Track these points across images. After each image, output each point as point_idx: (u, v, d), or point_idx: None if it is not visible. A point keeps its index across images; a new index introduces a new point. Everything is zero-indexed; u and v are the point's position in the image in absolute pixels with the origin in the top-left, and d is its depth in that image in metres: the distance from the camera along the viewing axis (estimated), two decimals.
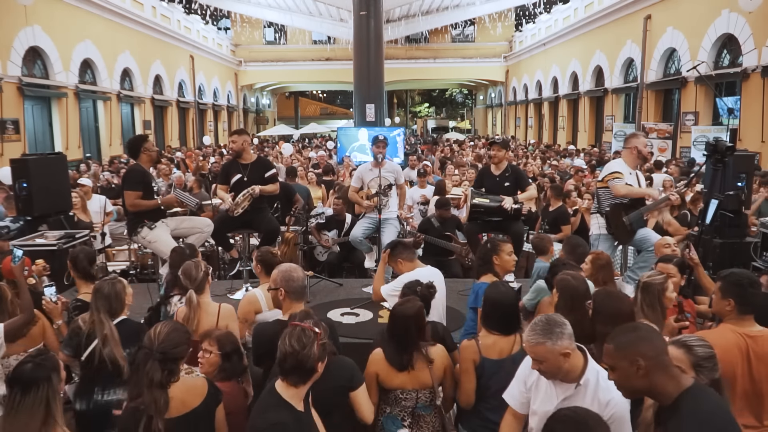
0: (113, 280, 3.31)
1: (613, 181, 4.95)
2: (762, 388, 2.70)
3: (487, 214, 5.24)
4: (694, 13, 14.30)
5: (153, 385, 2.40)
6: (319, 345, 2.28)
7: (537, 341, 2.37)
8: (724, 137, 9.45)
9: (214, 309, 3.58)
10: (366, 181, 5.76)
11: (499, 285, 3.27)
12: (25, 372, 2.27)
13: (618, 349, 2.04)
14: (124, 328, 3.20)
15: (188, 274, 3.55)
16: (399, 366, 2.89)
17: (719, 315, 2.90)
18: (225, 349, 2.99)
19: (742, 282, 2.80)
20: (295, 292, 3.25)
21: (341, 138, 14.28)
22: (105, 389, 3.11)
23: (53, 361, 2.36)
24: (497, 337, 3.00)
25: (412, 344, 2.92)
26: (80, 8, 16.52)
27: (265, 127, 37.02)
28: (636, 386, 2.02)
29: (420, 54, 33.16)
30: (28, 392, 2.24)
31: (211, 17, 28.21)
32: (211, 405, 2.62)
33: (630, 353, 2.00)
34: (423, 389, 2.95)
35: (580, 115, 22.67)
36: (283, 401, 2.28)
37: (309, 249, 7.23)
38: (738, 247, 5.92)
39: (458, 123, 49.28)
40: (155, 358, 2.42)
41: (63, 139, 15.47)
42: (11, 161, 6.42)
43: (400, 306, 3.00)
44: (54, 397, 2.29)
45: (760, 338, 2.73)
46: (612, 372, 2.07)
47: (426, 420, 2.98)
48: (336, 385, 2.70)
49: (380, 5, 17.44)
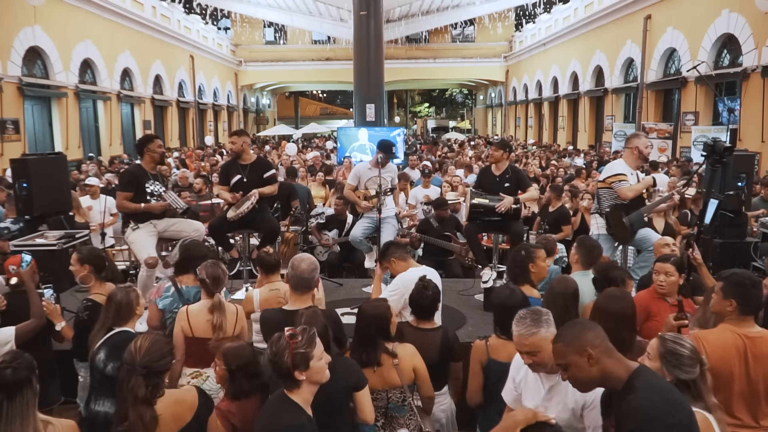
0: (128, 288, 3.25)
1: (619, 184, 4.93)
2: (758, 388, 2.71)
3: (486, 214, 5.24)
4: (694, 13, 14.30)
5: (137, 402, 2.34)
6: (293, 353, 2.24)
7: (530, 331, 2.42)
8: (724, 137, 9.46)
9: (232, 309, 3.52)
10: (363, 180, 5.76)
11: (505, 288, 3.29)
12: (7, 378, 2.20)
13: (566, 344, 2.10)
14: (120, 338, 3.08)
15: (215, 276, 3.43)
16: (360, 363, 2.89)
17: (720, 315, 2.89)
18: (230, 366, 2.75)
19: (745, 282, 2.79)
20: (296, 284, 3.27)
21: (341, 138, 14.29)
22: (97, 399, 3.05)
23: (28, 361, 2.30)
24: (506, 341, 3.01)
25: (371, 342, 2.95)
26: (80, 8, 16.52)
27: (265, 127, 37.01)
28: (590, 376, 2.07)
29: (420, 54, 33.16)
30: (14, 398, 2.18)
31: (211, 17, 28.21)
32: (203, 417, 2.58)
33: (578, 345, 2.07)
34: (392, 389, 2.95)
35: (580, 115, 22.67)
36: (295, 404, 2.28)
37: (309, 249, 7.23)
38: (738, 247, 5.92)
39: (458, 123, 49.27)
40: (138, 374, 2.35)
41: (63, 139, 15.47)
42: (11, 161, 6.42)
43: (367, 305, 3.06)
44: (35, 399, 2.25)
45: (758, 339, 2.73)
46: (565, 371, 2.12)
47: (400, 421, 2.98)
48: (345, 386, 2.70)
49: (380, 5, 17.43)
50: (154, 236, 5.03)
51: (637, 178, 5.05)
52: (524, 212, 7.50)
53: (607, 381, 2.08)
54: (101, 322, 3.15)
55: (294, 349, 2.25)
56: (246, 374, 2.75)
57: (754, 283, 2.82)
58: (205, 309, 3.41)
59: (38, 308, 3.40)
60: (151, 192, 4.98)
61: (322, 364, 2.31)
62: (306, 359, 2.26)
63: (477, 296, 5.53)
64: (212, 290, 3.44)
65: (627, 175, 4.96)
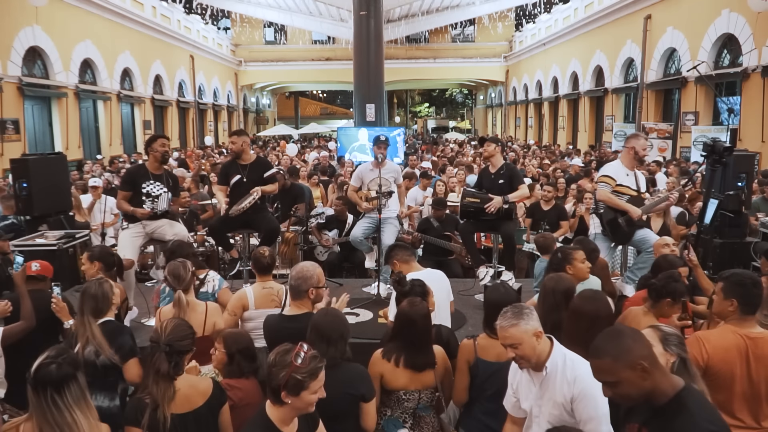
0: (100, 280, 3.31)
1: (600, 184, 5.04)
2: (760, 389, 2.70)
3: (477, 213, 5.27)
4: (694, 13, 14.30)
5: (159, 376, 2.48)
6: (289, 377, 2.19)
7: (510, 323, 2.45)
8: (724, 137, 9.46)
9: (201, 308, 3.58)
10: (366, 181, 5.76)
11: (499, 286, 3.26)
12: (53, 372, 2.21)
13: (616, 359, 1.94)
14: (109, 327, 3.18)
15: (176, 274, 3.54)
16: (420, 367, 2.89)
17: (721, 316, 2.87)
18: (230, 349, 3.02)
19: (745, 282, 2.77)
20: (291, 288, 3.31)
21: (341, 138, 14.29)
22: (91, 394, 3.06)
23: (72, 357, 2.34)
24: (496, 340, 3.00)
25: (426, 344, 2.93)
26: (80, 8, 16.52)
27: (265, 127, 37.01)
28: (642, 391, 1.94)
29: (420, 54, 33.15)
30: (60, 392, 2.20)
31: (211, 17, 28.20)
32: (215, 406, 2.62)
33: (630, 359, 1.93)
34: (425, 389, 2.94)
35: (580, 115, 22.67)
36: (267, 420, 2.25)
37: (309, 249, 7.23)
38: (738, 247, 5.92)
39: (458, 123, 49.27)
40: (162, 350, 2.50)
41: (63, 139, 15.47)
42: (11, 161, 6.42)
43: (412, 307, 2.95)
44: (85, 391, 2.29)
45: (760, 340, 2.72)
46: (616, 387, 1.96)
47: (426, 420, 2.98)
48: (352, 393, 2.68)
49: (380, 5, 17.46)
50: (139, 237, 5.07)
51: (634, 179, 5.03)
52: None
53: (654, 395, 1.95)
54: (79, 317, 3.17)
55: (293, 372, 2.19)
56: (244, 356, 3.02)
57: (755, 282, 2.80)
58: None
59: (28, 311, 3.40)
60: (147, 193, 4.99)
61: (313, 398, 2.25)
62: (299, 387, 2.20)
63: (477, 296, 5.53)
64: (174, 287, 3.50)
65: (619, 176, 4.97)
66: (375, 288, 5.44)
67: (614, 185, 4.95)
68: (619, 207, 4.90)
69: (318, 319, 2.78)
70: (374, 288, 5.46)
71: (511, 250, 5.49)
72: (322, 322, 2.75)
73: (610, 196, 4.92)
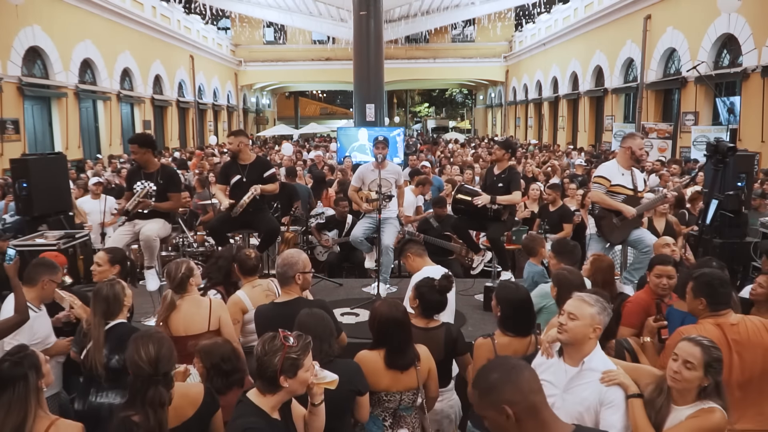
0: (112, 281, 3.26)
1: (594, 185, 5.07)
2: (753, 372, 2.73)
3: (467, 209, 5.32)
4: (694, 13, 14.30)
5: (162, 408, 2.29)
6: (284, 358, 2.16)
7: (588, 301, 2.45)
8: (724, 137, 9.45)
9: (205, 303, 3.55)
10: (367, 182, 5.76)
11: (509, 284, 3.29)
12: (3, 370, 2.22)
13: (481, 395, 1.73)
14: (120, 330, 3.12)
15: (167, 272, 3.54)
16: (402, 367, 2.88)
17: (693, 314, 2.96)
18: (206, 364, 2.83)
19: (713, 282, 2.85)
20: (278, 276, 3.34)
21: (341, 138, 14.27)
22: (99, 391, 3.06)
23: (32, 359, 2.29)
24: (512, 338, 3.02)
25: (407, 344, 2.92)
26: (80, 8, 16.52)
27: (265, 127, 37.01)
28: None
29: (420, 54, 33.16)
30: (4, 391, 2.20)
31: (211, 17, 28.19)
32: (205, 415, 2.52)
33: (494, 400, 1.69)
34: (407, 391, 2.94)
35: (580, 115, 22.68)
36: (256, 408, 2.20)
37: (309, 249, 7.22)
38: (738, 247, 5.91)
39: (458, 123, 49.26)
40: (159, 384, 2.31)
41: (63, 139, 15.47)
42: (11, 161, 6.42)
43: (388, 309, 2.92)
44: (32, 395, 2.24)
45: (735, 326, 2.78)
46: (485, 420, 1.77)
47: (406, 420, 2.98)
48: (350, 389, 2.69)
49: (380, 5, 17.43)
50: (128, 236, 5.13)
51: (631, 178, 5.00)
52: (524, 213, 7.52)
53: None
54: (91, 318, 3.14)
55: (287, 353, 2.18)
56: (219, 372, 2.81)
57: (723, 282, 2.88)
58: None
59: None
60: (133, 191, 5.09)
61: (307, 376, 2.24)
62: (296, 366, 2.19)
63: (477, 296, 5.53)
64: (168, 286, 3.53)
65: (615, 176, 4.94)
66: (375, 288, 5.44)
67: (609, 186, 4.92)
68: (613, 207, 4.88)
69: (304, 319, 2.77)
70: (374, 288, 5.46)
71: (498, 252, 5.49)
72: (309, 321, 2.75)
73: (602, 197, 4.91)
